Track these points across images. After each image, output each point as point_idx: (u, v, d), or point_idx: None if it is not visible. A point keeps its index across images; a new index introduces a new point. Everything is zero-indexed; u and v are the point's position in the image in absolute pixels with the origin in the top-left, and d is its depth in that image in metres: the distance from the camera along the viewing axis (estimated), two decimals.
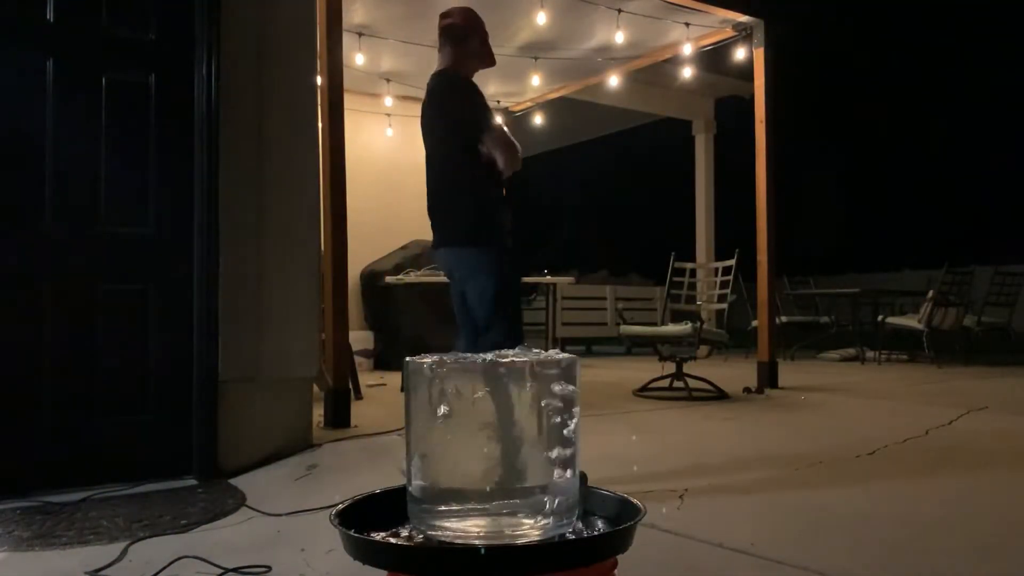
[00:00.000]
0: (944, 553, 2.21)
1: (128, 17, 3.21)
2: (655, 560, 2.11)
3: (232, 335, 3.30)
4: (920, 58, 18.41)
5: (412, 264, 7.34)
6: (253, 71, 3.45)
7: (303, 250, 3.61)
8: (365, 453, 3.48)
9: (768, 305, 5.78)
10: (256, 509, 2.73)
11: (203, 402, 3.22)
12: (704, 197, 9.27)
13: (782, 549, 2.21)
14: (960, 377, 6.59)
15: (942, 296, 7.50)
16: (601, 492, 1.35)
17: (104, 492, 2.94)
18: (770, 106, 5.67)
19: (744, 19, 5.82)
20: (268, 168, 3.47)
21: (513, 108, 8.77)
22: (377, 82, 7.49)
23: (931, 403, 4.88)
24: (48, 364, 3.02)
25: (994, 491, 2.87)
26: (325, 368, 4.14)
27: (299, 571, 2.12)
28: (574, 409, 1.25)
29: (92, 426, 3.08)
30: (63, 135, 3.07)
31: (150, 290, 3.21)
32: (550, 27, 6.22)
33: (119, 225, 3.17)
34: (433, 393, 1.20)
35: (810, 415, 4.59)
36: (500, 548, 1.14)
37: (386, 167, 8.17)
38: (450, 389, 1.20)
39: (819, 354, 8.91)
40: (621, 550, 1.20)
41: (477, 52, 3.19)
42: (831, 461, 3.31)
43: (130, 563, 2.19)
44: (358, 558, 1.17)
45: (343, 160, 4.21)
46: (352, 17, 5.83)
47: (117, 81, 3.18)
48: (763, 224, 5.67)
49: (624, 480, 2.97)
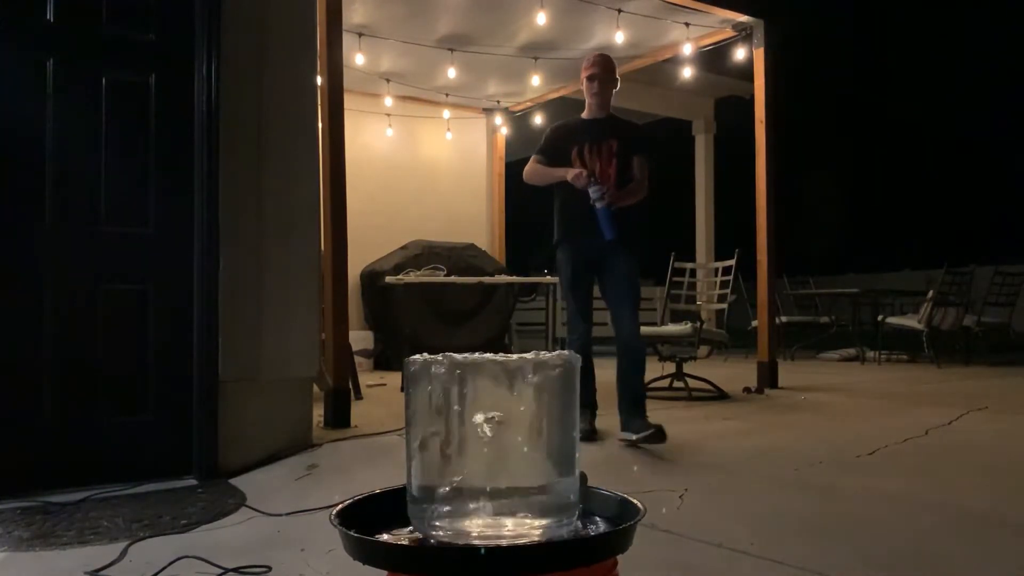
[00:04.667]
0: (944, 553, 2.22)
1: (128, 17, 3.21)
2: (655, 560, 2.11)
3: (232, 335, 3.30)
4: (921, 58, 18.41)
5: (412, 264, 7.34)
6: (253, 71, 3.45)
7: (303, 250, 3.61)
8: (365, 453, 3.48)
9: (768, 305, 5.78)
10: (256, 509, 2.73)
11: (203, 402, 3.22)
12: (704, 197, 9.27)
13: (782, 549, 2.21)
14: (960, 377, 6.59)
15: (942, 296, 7.50)
16: (601, 492, 1.35)
17: (104, 492, 2.94)
18: (770, 106, 5.67)
19: (744, 19, 5.82)
20: (268, 168, 3.47)
21: (513, 108, 8.77)
22: (377, 82, 7.49)
23: (931, 403, 4.88)
24: (48, 364, 3.02)
25: (994, 492, 2.87)
26: (325, 368, 4.14)
27: (299, 571, 2.12)
28: (574, 409, 1.25)
29: (92, 426, 3.08)
30: (63, 135, 3.07)
31: (150, 290, 3.21)
32: (550, 27, 6.22)
33: (119, 225, 3.17)
34: (433, 393, 1.20)
35: (810, 415, 4.59)
36: (500, 548, 1.13)
37: (386, 167, 8.18)
38: (451, 389, 1.19)
39: (819, 354, 8.91)
40: (621, 550, 1.20)
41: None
42: (831, 461, 3.31)
43: (130, 563, 2.18)
44: (358, 558, 1.17)
45: (343, 160, 4.21)
46: (352, 17, 5.83)
47: (117, 81, 3.18)
48: (763, 224, 5.67)
49: (624, 480, 2.97)
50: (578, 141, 3.76)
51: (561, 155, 3.78)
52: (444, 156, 8.75)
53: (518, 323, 8.81)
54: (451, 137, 8.68)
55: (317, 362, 3.76)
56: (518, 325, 8.81)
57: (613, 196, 3.56)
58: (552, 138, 3.90)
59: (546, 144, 3.88)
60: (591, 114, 3.87)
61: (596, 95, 3.82)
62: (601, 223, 3.54)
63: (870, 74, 19.74)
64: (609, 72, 3.84)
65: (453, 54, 6.80)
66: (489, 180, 9.04)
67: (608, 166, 3.71)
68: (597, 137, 3.75)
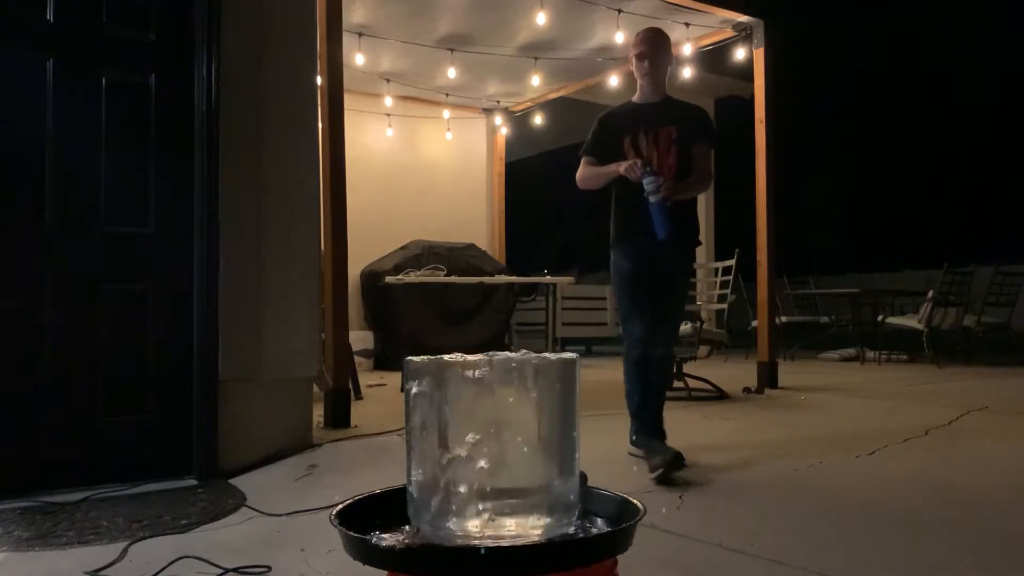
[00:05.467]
0: (944, 554, 2.22)
1: (128, 17, 3.21)
2: (655, 560, 2.11)
3: (232, 335, 3.30)
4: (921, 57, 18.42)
5: (412, 264, 7.34)
6: (253, 71, 3.45)
7: (303, 250, 3.60)
8: (365, 453, 3.48)
9: (768, 305, 5.79)
10: (256, 509, 2.73)
11: (203, 402, 3.22)
12: (704, 197, 9.25)
13: (782, 549, 2.21)
14: (960, 377, 6.59)
15: (942, 296, 7.50)
16: (601, 492, 1.35)
17: (104, 492, 2.94)
18: (770, 106, 5.67)
19: (744, 19, 5.82)
20: (268, 168, 3.47)
21: (513, 108, 8.77)
22: (377, 82, 7.49)
23: (931, 403, 4.88)
24: (48, 364, 3.02)
25: (995, 492, 2.87)
26: (325, 368, 4.14)
27: (299, 571, 2.12)
28: (574, 409, 1.25)
29: (92, 426, 3.08)
30: (63, 135, 3.07)
31: (150, 290, 3.21)
32: (550, 27, 6.22)
33: (119, 225, 3.17)
34: (433, 393, 1.20)
35: (810, 415, 4.59)
36: (500, 548, 1.14)
37: (386, 167, 8.18)
38: (451, 389, 1.19)
39: (819, 354, 8.91)
40: (621, 550, 1.20)
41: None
42: (831, 461, 3.31)
43: (130, 563, 2.19)
44: (358, 558, 1.17)
45: (343, 160, 4.21)
46: (352, 17, 5.83)
47: (117, 81, 3.18)
48: (763, 224, 5.67)
49: (624, 480, 2.97)
50: (631, 129, 3.33)
51: (612, 149, 3.35)
52: (444, 156, 8.76)
53: (518, 323, 8.81)
54: (451, 137, 8.69)
55: (317, 362, 3.76)
56: (518, 325, 8.81)
57: (670, 189, 3.15)
58: (599, 132, 3.45)
59: (593, 139, 3.44)
60: (644, 98, 3.43)
61: (647, 75, 3.37)
62: (654, 219, 3.14)
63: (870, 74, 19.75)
64: (659, 48, 3.38)
65: (453, 54, 6.80)
66: (489, 180, 9.04)
67: (667, 156, 3.29)
68: (653, 123, 3.32)
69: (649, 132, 3.31)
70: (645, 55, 3.35)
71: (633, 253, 3.33)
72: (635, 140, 3.31)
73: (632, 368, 3.32)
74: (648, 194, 3.13)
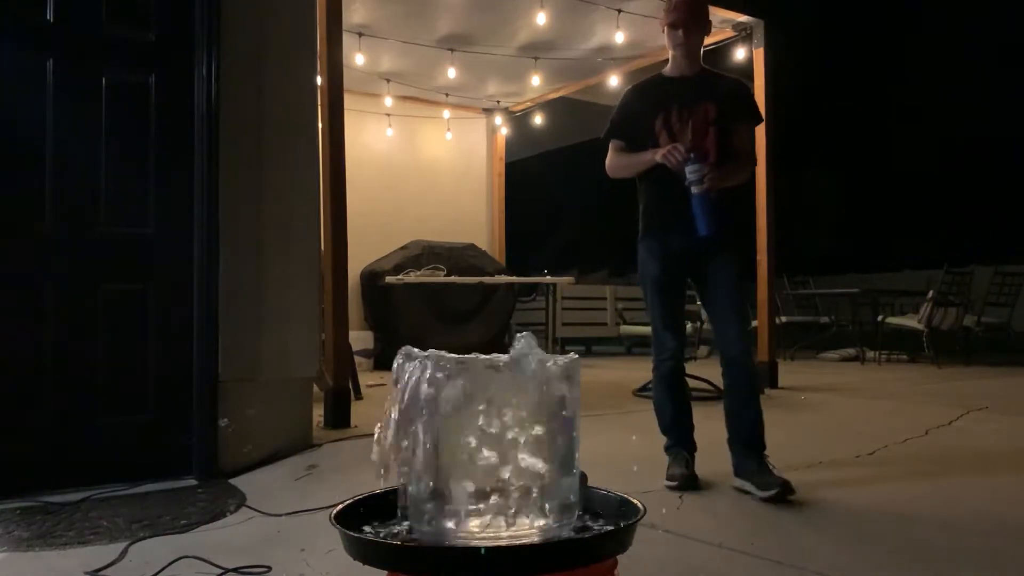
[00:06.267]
0: (944, 554, 2.22)
1: (128, 17, 3.21)
2: (655, 560, 2.11)
3: (232, 335, 3.30)
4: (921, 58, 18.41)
5: (412, 264, 7.34)
6: (253, 71, 3.45)
7: (303, 250, 3.60)
8: (365, 453, 3.45)
9: (768, 305, 5.79)
10: (256, 509, 2.73)
11: (203, 402, 3.22)
12: None
13: (782, 549, 2.21)
14: (960, 377, 6.59)
15: (942, 296, 7.50)
16: (601, 492, 1.35)
17: (104, 492, 2.94)
18: (770, 106, 5.66)
19: (744, 19, 5.82)
20: (268, 168, 3.47)
21: (513, 108, 8.77)
22: (377, 82, 7.49)
23: (931, 403, 4.88)
24: (48, 364, 3.02)
25: (994, 493, 2.87)
26: (325, 368, 4.14)
27: (299, 571, 2.12)
28: (574, 409, 1.25)
29: (92, 426, 3.08)
30: (63, 135, 3.07)
31: (150, 290, 3.21)
32: (550, 27, 6.22)
33: (119, 225, 3.17)
34: (432, 393, 1.20)
35: (810, 415, 4.59)
36: (500, 548, 1.14)
37: (386, 167, 8.18)
38: (450, 389, 1.19)
39: (819, 354, 8.91)
40: (621, 550, 1.20)
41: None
42: (831, 461, 3.31)
43: (130, 563, 2.18)
44: (358, 558, 1.17)
45: (343, 160, 4.21)
46: (352, 17, 5.83)
47: (117, 81, 3.18)
48: (763, 224, 5.67)
49: (624, 480, 2.97)
50: (663, 107, 2.95)
51: (641, 129, 2.97)
52: (444, 156, 8.75)
53: (518, 323, 8.81)
54: (451, 137, 8.68)
55: (317, 362, 3.76)
56: (518, 325, 8.81)
57: (714, 179, 2.76)
58: (627, 109, 3.06)
59: (619, 118, 3.06)
60: (678, 70, 3.02)
61: (681, 46, 2.97)
62: (696, 213, 2.76)
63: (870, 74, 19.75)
64: (696, 15, 2.99)
65: (453, 54, 6.80)
66: (489, 180, 9.04)
67: (704, 138, 2.89)
68: (688, 100, 2.94)
69: (684, 110, 2.92)
70: (680, 23, 2.96)
71: (664, 253, 2.97)
72: (668, 120, 2.94)
73: (661, 382, 3.07)
74: (690, 183, 2.75)
